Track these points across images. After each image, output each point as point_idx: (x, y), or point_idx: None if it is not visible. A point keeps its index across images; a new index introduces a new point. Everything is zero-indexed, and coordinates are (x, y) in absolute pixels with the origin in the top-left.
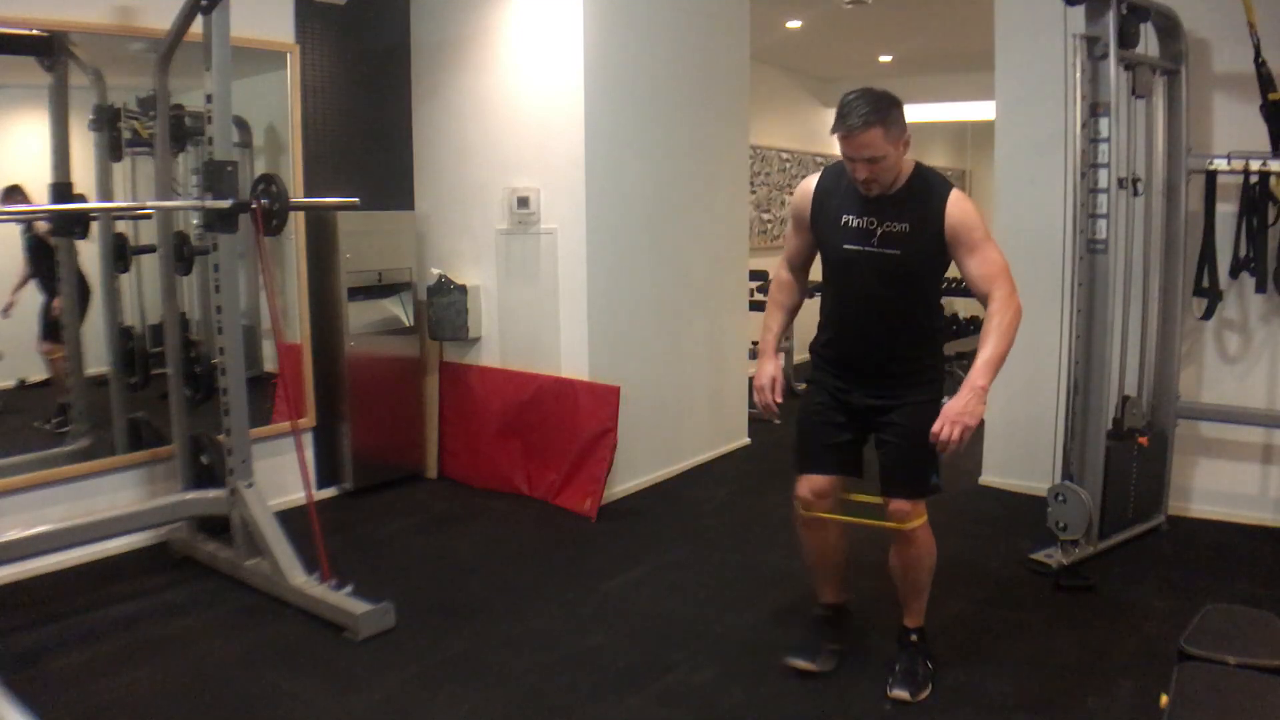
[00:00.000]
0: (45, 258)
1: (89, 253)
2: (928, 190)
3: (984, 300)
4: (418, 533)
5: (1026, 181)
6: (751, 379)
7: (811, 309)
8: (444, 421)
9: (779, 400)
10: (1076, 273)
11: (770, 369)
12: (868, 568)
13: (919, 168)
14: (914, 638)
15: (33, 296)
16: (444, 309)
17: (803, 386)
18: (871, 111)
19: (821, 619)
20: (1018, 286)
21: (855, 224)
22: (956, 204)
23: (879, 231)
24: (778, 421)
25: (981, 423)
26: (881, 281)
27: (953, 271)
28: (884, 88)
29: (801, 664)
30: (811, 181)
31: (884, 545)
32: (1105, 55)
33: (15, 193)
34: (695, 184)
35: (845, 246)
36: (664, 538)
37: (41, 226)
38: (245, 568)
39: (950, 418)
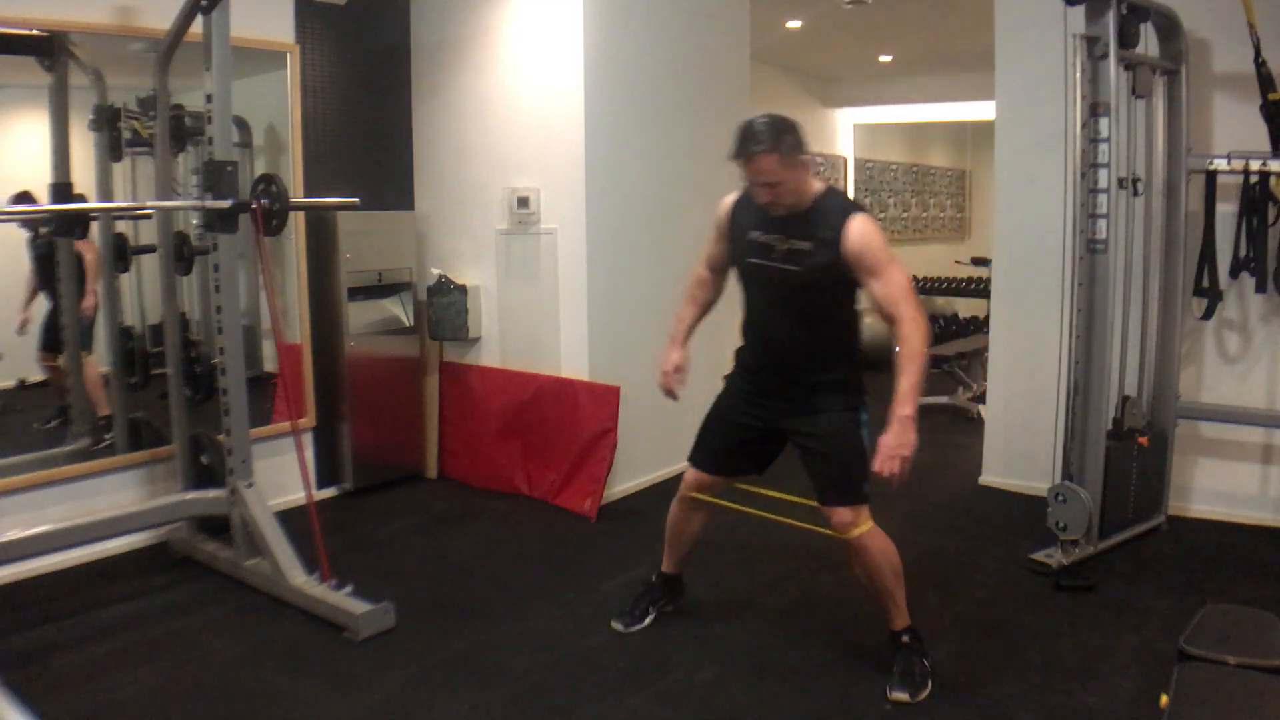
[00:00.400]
0: (53, 266)
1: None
2: (832, 212)
3: (890, 322)
4: (418, 533)
5: (1026, 181)
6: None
7: None
8: (444, 421)
9: (682, 384)
10: (1076, 273)
11: (675, 356)
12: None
13: (830, 190)
14: (905, 639)
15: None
16: (444, 309)
17: None
18: (767, 139)
19: (653, 584)
20: (1018, 285)
21: (761, 240)
22: (857, 228)
23: (782, 248)
24: (677, 400)
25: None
26: (783, 295)
27: (951, 271)
28: (783, 115)
29: (619, 626)
30: (732, 197)
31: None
32: (1105, 55)
33: (24, 200)
34: (695, 184)
35: (749, 260)
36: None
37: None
38: (245, 568)
39: (886, 454)
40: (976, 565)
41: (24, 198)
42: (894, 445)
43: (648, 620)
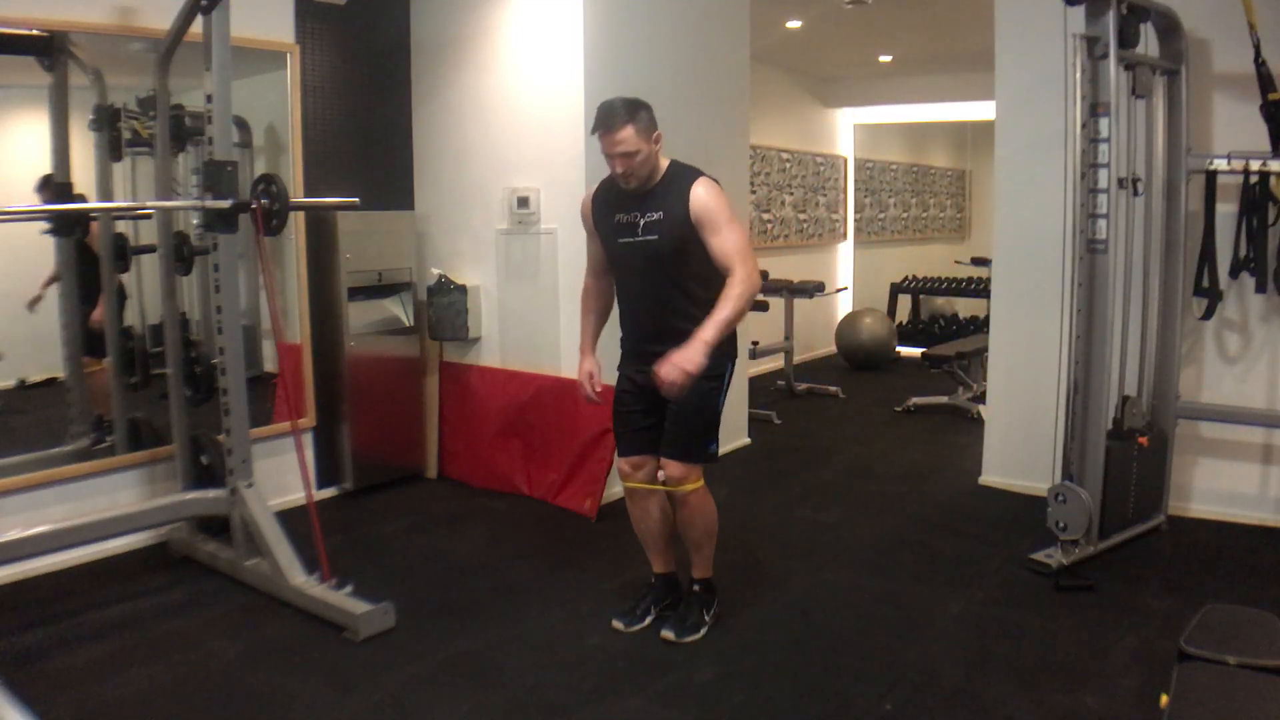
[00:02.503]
0: (88, 266)
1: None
2: (677, 180)
3: (725, 274)
4: (418, 533)
5: (1026, 181)
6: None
7: None
8: (444, 421)
9: (599, 390)
10: (1076, 273)
11: (588, 365)
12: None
13: (674, 163)
14: (696, 588)
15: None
16: (444, 309)
17: (804, 387)
18: (624, 112)
19: (652, 587)
20: (1018, 285)
21: (624, 220)
22: (699, 190)
23: (641, 222)
24: (599, 403)
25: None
26: (649, 266)
27: (951, 271)
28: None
29: (619, 625)
30: (588, 194)
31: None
32: (1105, 55)
33: (50, 183)
34: None
35: (619, 240)
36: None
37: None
38: (245, 568)
39: (672, 362)
40: (976, 565)
41: (49, 182)
42: (682, 358)
43: (648, 620)
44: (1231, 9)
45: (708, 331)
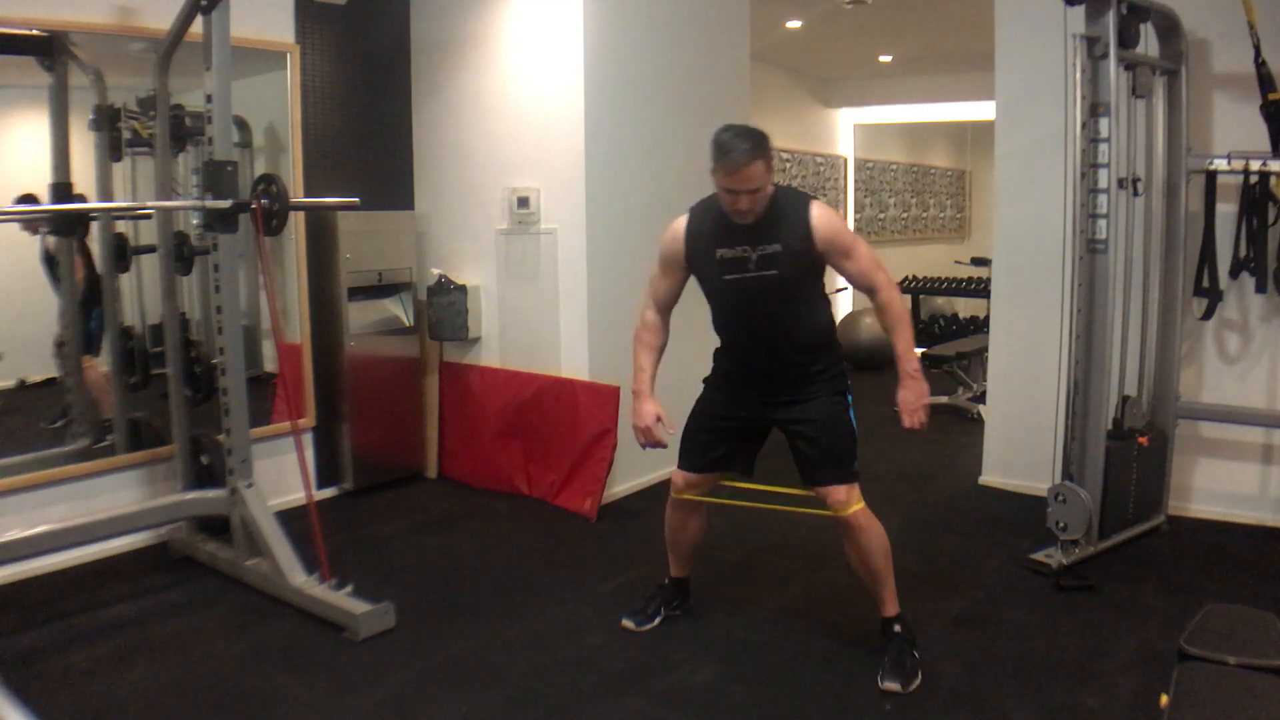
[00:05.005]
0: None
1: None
2: (789, 208)
3: (868, 292)
4: (418, 533)
5: (1026, 181)
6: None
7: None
8: (444, 421)
9: (671, 432)
10: (1076, 273)
11: (650, 408)
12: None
13: (777, 189)
14: (896, 628)
15: (44, 299)
16: (444, 309)
17: None
18: (753, 147)
19: (664, 588)
20: (1018, 285)
21: (730, 255)
22: (820, 217)
23: (754, 257)
24: (666, 447)
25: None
26: (764, 300)
27: (951, 271)
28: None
29: (630, 624)
30: (681, 223)
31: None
32: (1105, 55)
33: (29, 203)
34: (696, 184)
35: (725, 277)
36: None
37: (51, 242)
38: (245, 568)
39: (908, 408)
40: (976, 565)
41: (28, 202)
42: (913, 400)
43: (657, 620)
44: (1231, 9)
45: (910, 362)
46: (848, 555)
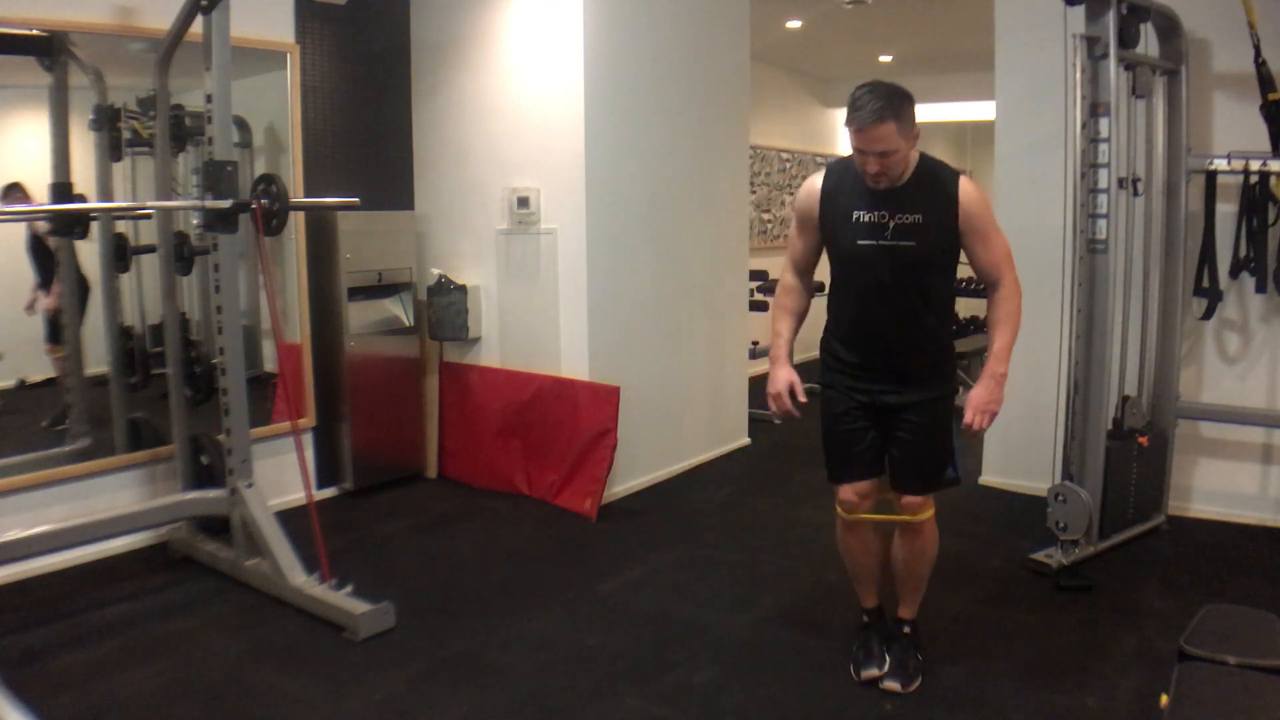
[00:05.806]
0: (45, 258)
1: (88, 252)
2: (937, 180)
3: (992, 286)
4: (418, 533)
5: (1026, 181)
6: (754, 380)
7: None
8: (444, 421)
9: (803, 401)
10: (1076, 273)
11: (785, 375)
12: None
13: (924, 158)
14: (907, 630)
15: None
16: (444, 309)
17: (805, 387)
18: (885, 106)
19: (868, 624)
20: (1023, 287)
21: (867, 219)
22: (968, 193)
23: (892, 225)
24: (778, 422)
25: None
26: (896, 275)
27: (963, 272)
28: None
29: (874, 673)
30: (817, 180)
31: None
32: (1105, 55)
33: (15, 190)
34: (695, 184)
35: (859, 242)
36: (664, 538)
37: (40, 227)
38: (245, 568)
39: (978, 407)
40: (976, 565)
41: (14, 189)
42: (985, 401)
43: (889, 658)
44: (1231, 9)
45: (1000, 363)
46: (895, 553)
